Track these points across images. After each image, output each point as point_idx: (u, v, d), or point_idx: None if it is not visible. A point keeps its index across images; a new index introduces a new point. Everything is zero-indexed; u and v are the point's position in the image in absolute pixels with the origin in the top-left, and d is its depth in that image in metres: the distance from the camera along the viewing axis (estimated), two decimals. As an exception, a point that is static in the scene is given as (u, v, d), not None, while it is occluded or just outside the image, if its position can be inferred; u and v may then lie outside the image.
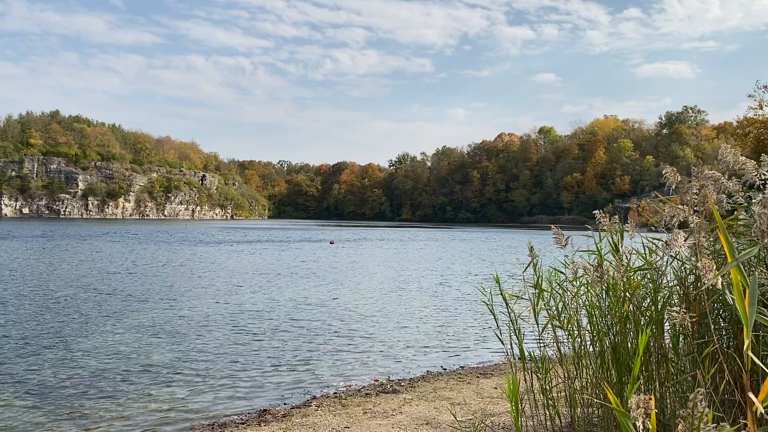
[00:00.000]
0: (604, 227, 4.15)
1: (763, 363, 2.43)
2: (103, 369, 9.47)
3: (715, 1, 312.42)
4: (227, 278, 23.10)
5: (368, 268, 29.33)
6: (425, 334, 12.83)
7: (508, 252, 42.61)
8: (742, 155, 3.46)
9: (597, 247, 4.13)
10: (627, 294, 3.85)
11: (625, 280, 3.84)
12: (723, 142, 3.34)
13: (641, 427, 1.77)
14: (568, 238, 4.45)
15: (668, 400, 3.74)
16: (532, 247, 4.68)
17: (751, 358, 1.92)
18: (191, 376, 9.17)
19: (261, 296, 18.23)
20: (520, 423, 3.59)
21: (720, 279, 2.43)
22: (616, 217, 4.19)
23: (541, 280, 4.61)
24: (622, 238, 4.00)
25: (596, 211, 4.23)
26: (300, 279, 23.41)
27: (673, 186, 3.72)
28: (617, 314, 3.92)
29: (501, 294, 4.73)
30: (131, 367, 9.63)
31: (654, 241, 3.87)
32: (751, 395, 1.70)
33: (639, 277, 3.96)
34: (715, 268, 2.44)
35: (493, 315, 4.88)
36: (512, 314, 4.76)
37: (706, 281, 2.42)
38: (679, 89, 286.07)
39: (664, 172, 3.79)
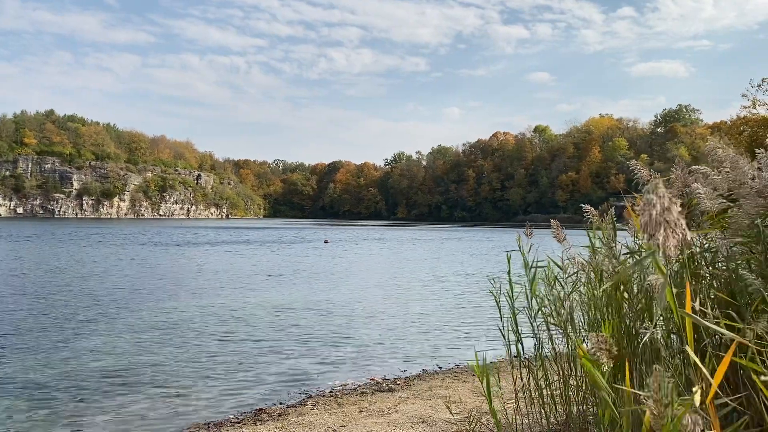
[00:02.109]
0: (596, 223, 4.13)
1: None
2: (96, 370, 9.43)
3: (708, 0, 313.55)
4: (222, 279, 23.07)
5: (363, 268, 29.33)
6: (422, 333, 12.83)
7: (505, 251, 42.61)
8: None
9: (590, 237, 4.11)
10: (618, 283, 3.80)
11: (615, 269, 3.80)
12: (716, 140, 3.18)
13: (606, 368, 1.75)
14: (565, 235, 4.46)
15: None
16: (524, 234, 4.69)
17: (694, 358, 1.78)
18: (186, 376, 9.15)
19: (256, 297, 18.21)
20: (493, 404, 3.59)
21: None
22: (610, 213, 4.15)
23: (536, 276, 4.61)
24: (615, 233, 4.00)
25: (587, 206, 4.15)
26: (295, 279, 23.39)
27: (643, 181, 3.47)
28: (607, 303, 3.88)
29: (510, 284, 4.73)
30: (125, 368, 9.60)
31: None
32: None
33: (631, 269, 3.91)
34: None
35: (498, 307, 4.87)
36: (512, 310, 4.77)
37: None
38: (673, 88, 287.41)
39: (631, 167, 3.58)
